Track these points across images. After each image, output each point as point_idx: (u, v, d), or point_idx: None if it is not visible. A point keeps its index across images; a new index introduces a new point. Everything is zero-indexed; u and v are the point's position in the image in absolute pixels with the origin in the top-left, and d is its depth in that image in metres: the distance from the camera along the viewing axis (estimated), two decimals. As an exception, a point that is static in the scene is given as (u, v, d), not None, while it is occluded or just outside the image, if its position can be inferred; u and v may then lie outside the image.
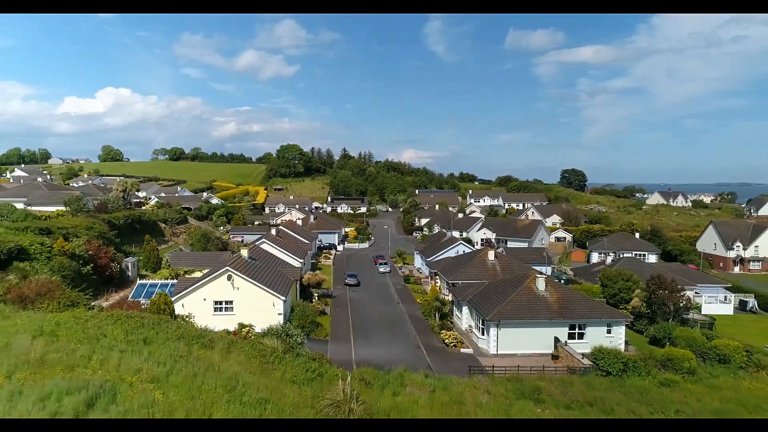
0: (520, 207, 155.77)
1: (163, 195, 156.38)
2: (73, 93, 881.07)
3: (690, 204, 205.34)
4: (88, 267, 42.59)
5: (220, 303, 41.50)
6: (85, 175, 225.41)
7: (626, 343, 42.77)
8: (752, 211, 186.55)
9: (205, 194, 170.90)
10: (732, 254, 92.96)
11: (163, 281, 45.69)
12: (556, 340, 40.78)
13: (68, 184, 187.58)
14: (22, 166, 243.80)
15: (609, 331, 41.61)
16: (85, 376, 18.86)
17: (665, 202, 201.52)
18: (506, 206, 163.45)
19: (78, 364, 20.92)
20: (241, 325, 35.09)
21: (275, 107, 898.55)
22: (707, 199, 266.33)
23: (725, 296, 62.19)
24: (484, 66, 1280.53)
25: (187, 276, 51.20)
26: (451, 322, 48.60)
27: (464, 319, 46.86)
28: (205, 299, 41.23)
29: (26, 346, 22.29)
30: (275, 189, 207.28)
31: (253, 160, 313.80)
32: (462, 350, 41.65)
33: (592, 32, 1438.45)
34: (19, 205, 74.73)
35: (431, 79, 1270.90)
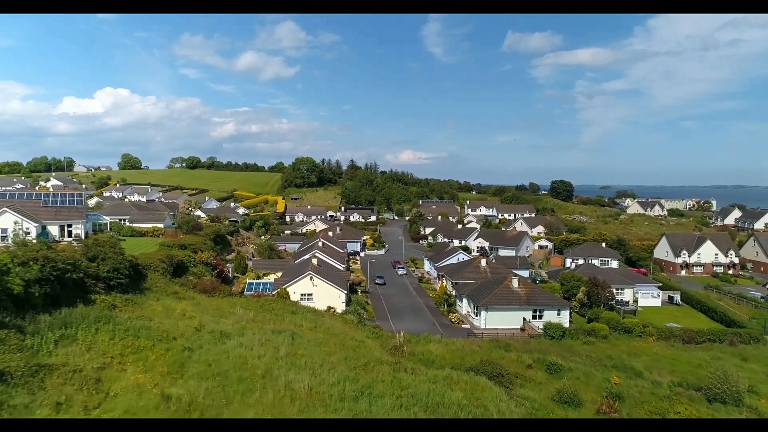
0: (512, 218, 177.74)
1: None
2: (72, 93, 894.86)
3: (666, 213, 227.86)
4: (215, 271, 64.32)
5: (304, 295, 63.28)
6: (117, 184, 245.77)
7: (570, 322, 64.69)
8: (719, 219, 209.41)
9: (232, 204, 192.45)
10: (679, 260, 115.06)
11: (264, 281, 67.38)
12: (524, 319, 62.69)
13: (102, 192, 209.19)
14: (53, 174, 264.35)
15: (559, 314, 63.52)
16: (280, 326, 40.76)
17: (643, 211, 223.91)
18: (499, 216, 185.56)
19: (270, 321, 43.24)
20: (329, 307, 56.97)
21: (274, 108, 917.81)
22: (691, 203, 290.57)
23: (657, 293, 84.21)
24: (482, 68, 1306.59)
25: (265, 278, 73.05)
26: (455, 309, 70.49)
27: (464, 306, 68.76)
28: (294, 292, 62.96)
29: (242, 313, 44.64)
30: (292, 198, 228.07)
31: (266, 168, 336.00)
32: (463, 326, 63.55)
33: (589, 35, 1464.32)
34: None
35: (430, 81, 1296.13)
